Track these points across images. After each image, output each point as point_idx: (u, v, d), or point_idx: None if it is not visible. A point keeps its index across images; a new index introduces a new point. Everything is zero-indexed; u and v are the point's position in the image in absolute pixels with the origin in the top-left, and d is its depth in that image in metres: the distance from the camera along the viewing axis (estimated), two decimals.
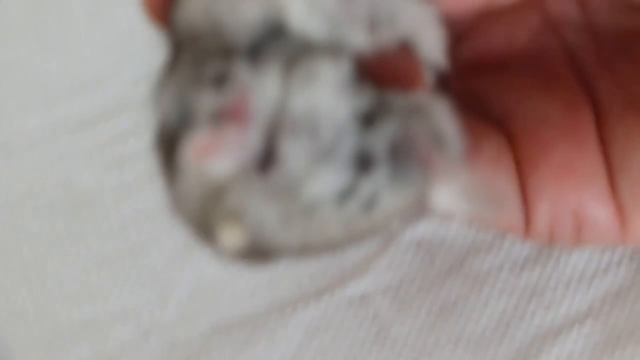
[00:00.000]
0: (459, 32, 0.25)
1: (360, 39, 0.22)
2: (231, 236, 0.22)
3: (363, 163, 0.22)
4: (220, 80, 0.21)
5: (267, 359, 0.34)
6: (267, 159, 0.22)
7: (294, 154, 0.22)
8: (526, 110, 0.29)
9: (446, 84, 0.27)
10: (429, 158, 0.22)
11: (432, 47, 0.25)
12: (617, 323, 0.33)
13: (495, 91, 0.30)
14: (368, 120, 0.22)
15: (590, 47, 0.31)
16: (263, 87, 0.22)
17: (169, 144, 0.23)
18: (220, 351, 0.35)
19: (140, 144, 0.37)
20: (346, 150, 0.22)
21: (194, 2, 0.23)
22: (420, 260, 0.34)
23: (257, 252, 0.23)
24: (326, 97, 0.22)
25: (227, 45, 0.22)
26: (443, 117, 0.23)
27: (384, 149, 0.22)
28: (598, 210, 0.28)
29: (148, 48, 0.38)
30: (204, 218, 0.23)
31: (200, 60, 0.22)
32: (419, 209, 0.23)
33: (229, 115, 0.21)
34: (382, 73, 0.23)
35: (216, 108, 0.21)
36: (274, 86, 0.22)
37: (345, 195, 0.22)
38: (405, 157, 0.22)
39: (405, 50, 0.23)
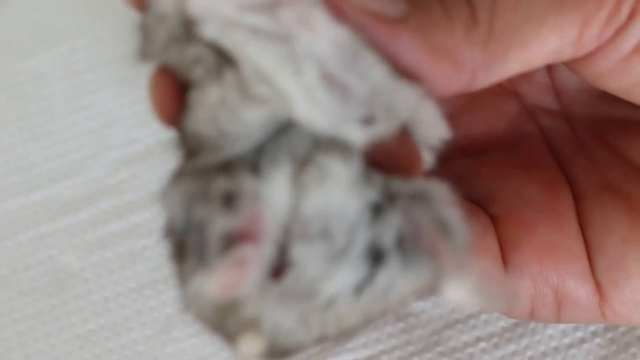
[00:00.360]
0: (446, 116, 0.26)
1: (358, 135, 0.22)
2: (250, 344, 0.22)
3: (376, 256, 0.22)
4: (229, 199, 0.22)
5: None
6: (280, 266, 0.22)
7: (308, 258, 0.22)
8: (508, 192, 0.30)
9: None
10: (436, 247, 0.22)
11: (431, 125, 0.25)
12: None
13: (477, 174, 0.31)
14: (376, 211, 0.22)
15: (566, 133, 0.32)
16: (272, 197, 0.22)
17: (176, 245, 0.23)
18: None
19: (121, 226, 0.37)
20: (359, 246, 0.22)
21: (200, 113, 0.23)
22: (399, 334, 0.35)
23: (276, 353, 0.23)
24: (338, 196, 0.22)
25: (232, 155, 0.22)
26: (446, 204, 0.23)
27: (392, 240, 0.22)
28: (578, 289, 0.29)
29: (127, 133, 0.39)
30: (219, 323, 0.23)
31: (206, 172, 0.22)
32: (434, 289, 0.23)
33: (243, 237, 0.21)
34: (381, 159, 0.23)
35: (228, 230, 0.21)
36: (284, 192, 0.22)
37: (361, 288, 0.22)
38: (413, 246, 0.22)
39: (402, 135, 0.24)
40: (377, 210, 0.22)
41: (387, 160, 0.23)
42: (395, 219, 0.22)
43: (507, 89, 0.33)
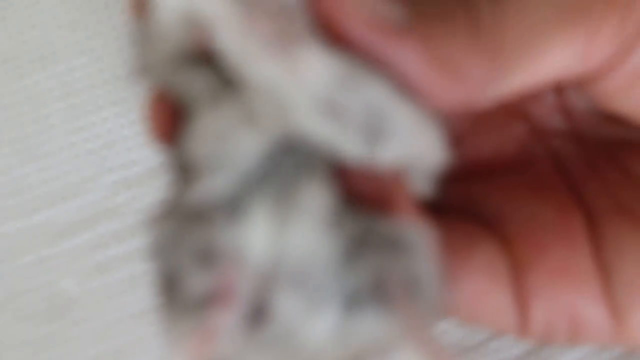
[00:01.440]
0: (448, 139, 0.25)
1: (353, 151, 0.22)
2: None
3: (352, 300, 0.21)
4: (204, 257, 0.21)
5: None
6: (256, 314, 0.21)
7: (287, 306, 0.21)
8: (519, 213, 0.30)
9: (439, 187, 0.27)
10: (399, 306, 0.22)
11: (430, 150, 0.24)
12: None
13: (487, 195, 0.31)
14: (353, 252, 0.22)
15: (576, 154, 0.32)
16: (250, 244, 0.21)
17: (160, 280, 0.22)
18: None
19: (121, 250, 0.37)
20: (337, 290, 0.21)
21: (198, 137, 0.22)
22: None
23: None
24: (316, 233, 0.21)
25: (215, 194, 0.22)
26: (422, 258, 0.22)
27: (367, 286, 0.22)
28: (593, 311, 0.28)
29: (126, 155, 0.38)
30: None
31: (185, 219, 0.22)
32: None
33: (217, 299, 0.21)
34: (366, 191, 0.23)
35: (203, 292, 0.21)
36: (263, 234, 0.21)
37: (340, 331, 0.21)
38: (381, 296, 0.22)
39: (397, 166, 0.23)
40: (353, 251, 0.22)
41: (372, 193, 0.23)
42: (368, 265, 0.22)
43: (515, 110, 0.33)
